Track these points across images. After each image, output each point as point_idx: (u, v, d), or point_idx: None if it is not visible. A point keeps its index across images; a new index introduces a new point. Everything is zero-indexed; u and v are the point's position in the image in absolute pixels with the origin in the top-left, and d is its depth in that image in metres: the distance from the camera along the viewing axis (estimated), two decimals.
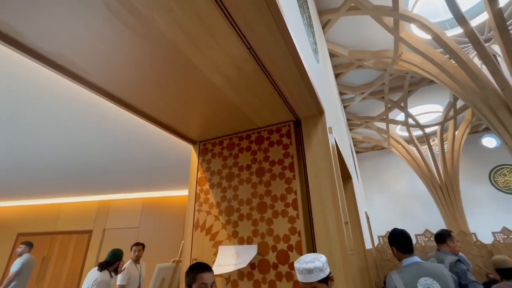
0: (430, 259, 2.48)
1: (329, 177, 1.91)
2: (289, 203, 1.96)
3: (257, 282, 1.85)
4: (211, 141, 2.53)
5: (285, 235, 1.89)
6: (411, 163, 11.08)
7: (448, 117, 9.73)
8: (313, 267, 1.17)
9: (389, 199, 13.36)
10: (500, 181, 11.97)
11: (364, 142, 12.53)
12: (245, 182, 2.19)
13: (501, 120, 4.86)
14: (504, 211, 11.06)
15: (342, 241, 1.72)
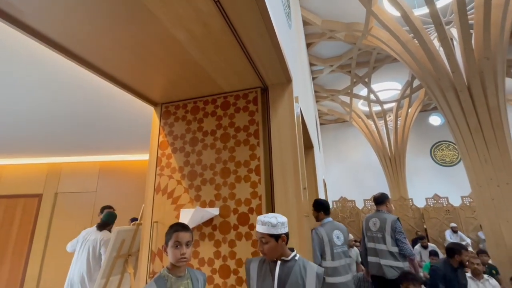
0: (372, 218, 2.89)
1: (292, 145, 1.97)
2: (252, 169, 2.00)
3: (217, 242, 1.94)
4: (174, 104, 2.40)
5: (246, 199, 1.96)
6: (368, 136, 11.97)
7: (404, 95, 10.47)
8: (267, 221, 1.30)
9: (345, 168, 14.53)
10: (438, 155, 13.70)
11: (329, 114, 13.06)
12: (209, 148, 2.17)
13: (448, 101, 5.37)
14: (437, 181, 12.82)
15: (299, 205, 1.85)
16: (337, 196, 8.99)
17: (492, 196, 4.65)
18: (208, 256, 1.93)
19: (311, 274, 1.24)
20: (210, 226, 1.99)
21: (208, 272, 1.90)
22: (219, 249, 1.93)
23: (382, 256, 2.69)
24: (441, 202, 8.04)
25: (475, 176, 4.94)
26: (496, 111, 4.85)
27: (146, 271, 2.00)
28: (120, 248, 2.43)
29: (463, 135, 5.16)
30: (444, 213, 7.78)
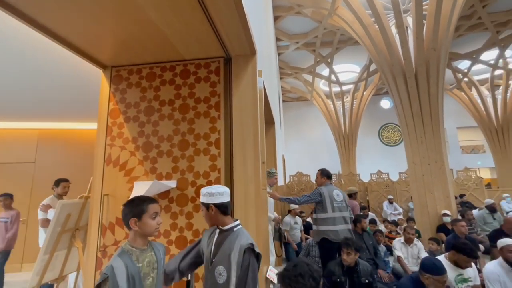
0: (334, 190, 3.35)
1: (253, 119, 1.96)
2: (211, 142, 1.97)
3: (174, 214, 1.92)
4: (126, 68, 2.17)
5: (205, 171, 1.94)
6: (326, 115, 12.60)
7: (361, 78, 11.09)
8: (205, 192, 1.32)
9: (304, 145, 15.28)
10: (385, 136, 15.19)
11: (292, 92, 13.29)
12: (166, 118, 2.05)
13: (397, 86, 5.83)
14: (382, 158, 14.30)
15: (257, 178, 1.90)
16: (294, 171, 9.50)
17: (423, 172, 5.38)
18: (164, 228, 1.91)
19: (237, 246, 1.22)
20: (167, 198, 1.95)
21: (164, 243, 1.90)
22: (175, 221, 1.92)
23: (349, 223, 3.15)
24: (383, 177, 9.06)
25: (412, 155, 5.61)
26: (435, 98, 5.45)
27: (96, 245, 1.91)
28: (65, 222, 2.26)
29: (406, 119, 5.73)
30: (384, 187, 8.82)
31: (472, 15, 7.87)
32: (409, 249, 3.75)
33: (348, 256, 2.47)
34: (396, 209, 7.59)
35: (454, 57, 9.98)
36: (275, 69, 7.15)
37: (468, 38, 9.03)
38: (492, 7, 7.67)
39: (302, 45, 9.08)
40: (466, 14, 7.77)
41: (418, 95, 5.55)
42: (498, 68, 10.44)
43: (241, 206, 1.85)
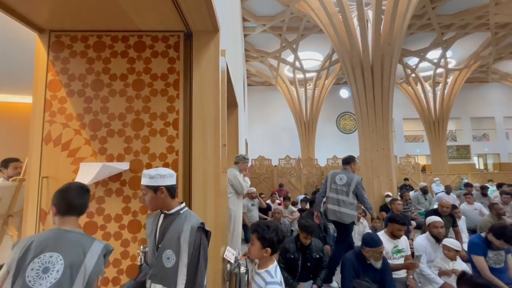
0: (339, 174, 3.46)
1: (214, 100, 1.90)
2: (169, 123, 1.86)
3: (127, 197, 1.81)
4: (69, 34, 1.90)
5: (162, 153, 1.85)
6: (289, 101, 12.87)
7: (324, 67, 11.45)
8: (154, 174, 1.26)
9: (267, 130, 15.52)
10: (341, 124, 16.19)
11: (257, 76, 13.19)
12: (118, 94, 1.87)
13: (355, 77, 6.17)
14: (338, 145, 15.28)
15: (217, 161, 1.86)
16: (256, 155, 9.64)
17: (372, 158, 5.90)
18: (116, 212, 1.80)
19: (187, 227, 1.20)
20: (118, 181, 1.82)
21: (115, 228, 1.79)
22: (128, 204, 1.81)
23: (342, 206, 3.25)
24: (338, 162, 9.73)
25: (363, 142, 6.09)
26: (387, 90, 5.91)
27: (34, 233, 1.72)
28: None
29: (361, 108, 6.14)
30: None
31: (423, 15, 8.55)
32: (356, 227, 4.14)
33: (305, 239, 2.64)
34: None
35: (405, 53, 10.85)
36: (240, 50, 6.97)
37: (418, 36, 9.83)
38: (440, 9, 8.41)
39: (268, 28, 8.96)
40: (418, 14, 8.40)
41: (372, 87, 5.95)
42: (440, 67, 11.67)
43: (200, 189, 1.82)
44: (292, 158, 9.66)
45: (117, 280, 1.76)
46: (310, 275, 2.64)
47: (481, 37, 10.18)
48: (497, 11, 8.14)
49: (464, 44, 10.55)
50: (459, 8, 8.37)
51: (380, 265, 2.35)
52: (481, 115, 16.47)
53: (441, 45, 10.22)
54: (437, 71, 12.17)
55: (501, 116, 16.45)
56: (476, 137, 16.55)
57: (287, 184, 8.96)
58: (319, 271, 2.63)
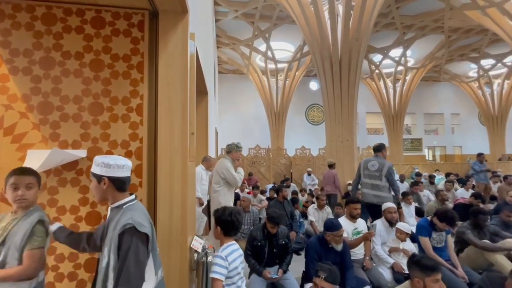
0: (371, 161, 3.66)
1: (182, 86, 1.81)
2: (132, 108, 1.74)
3: (84, 187, 1.67)
4: (10, 1, 1.65)
5: (124, 141, 1.73)
6: (261, 91, 12.87)
7: (295, 58, 11.59)
8: (100, 161, 1.16)
9: (237, 119, 15.42)
10: (310, 115, 16.70)
11: (228, 63, 12.92)
12: (72, 75, 1.69)
13: (324, 70, 6.35)
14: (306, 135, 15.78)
15: (184, 150, 1.80)
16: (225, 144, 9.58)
17: (337, 149, 6.20)
18: (71, 204, 1.66)
19: (119, 225, 1.08)
20: (74, 170, 1.67)
21: (71, 221, 1.66)
22: (86, 195, 1.68)
23: (376, 189, 3.56)
24: (305, 152, 10.07)
25: (330, 134, 6.36)
26: (353, 84, 6.18)
27: None
28: None
29: (329, 101, 6.37)
30: (306, 161, 9.84)
31: (388, 14, 9.00)
32: (320, 214, 4.37)
33: (272, 229, 2.71)
34: (313, 179, 8.64)
35: (371, 50, 11.40)
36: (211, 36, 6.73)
37: (382, 34, 10.37)
38: (403, 9, 8.92)
39: (241, 14, 8.75)
40: (383, 12, 8.83)
41: (340, 80, 6.18)
42: (400, 65, 12.50)
43: (166, 178, 1.75)
44: (262, 148, 9.77)
45: (74, 274, 1.65)
46: (276, 260, 2.74)
47: (436, 39, 11.07)
48: (451, 15, 8.88)
49: (422, 44, 11.39)
50: (420, 10, 8.96)
51: (341, 247, 2.52)
52: (433, 111, 18.16)
53: (402, 44, 10.91)
54: (397, 69, 13.02)
55: (448, 113, 18.32)
56: (427, 131, 18.26)
57: (257, 174, 9.08)
58: (285, 256, 2.74)
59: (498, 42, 10.38)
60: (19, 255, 1.16)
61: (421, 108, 17.85)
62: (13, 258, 1.15)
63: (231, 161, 3.33)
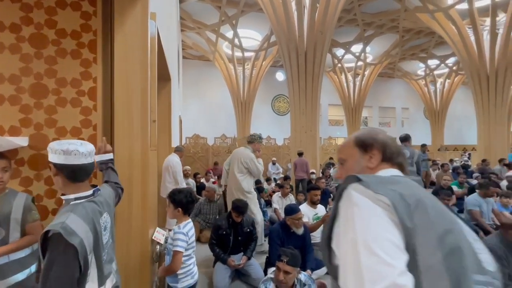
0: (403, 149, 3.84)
1: (142, 70, 1.68)
2: (84, 91, 1.58)
3: (26, 179, 1.50)
4: None
5: (74, 127, 1.57)
6: (227, 79, 12.64)
7: (262, 48, 11.54)
8: (50, 146, 1.02)
9: (203, 107, 15.00)
10: (276, 106, 16.96)
11: (193, 49, 12.36)
12: (7, 50, 1.46)
13: (290, 61, 6.44)
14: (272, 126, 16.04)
15: (145, 138, 1.70)
16: (191, 133, 9.30)
17: (300, 139, 6.42)
18: None
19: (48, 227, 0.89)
20: (13, 160, 1.48)
21: None
22: (29, 188, 1.51)
23: (411, 175, 3.72)
24: (271, 142, 10.26)
25: (294, 124, 6.55)
26: (317, 77, 6.39)
27: None
28: None
29: (294, 92, 6.52)
30: (272, 151, 10.05)
31: (351, 10, 9.38)
32: (284, 201, 4.53)
33: (237, 218, 2.74)
34: (277, 168, 8.89)
35: (334, 44, 11.85)
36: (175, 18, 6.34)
37: (345, 30, 10.81)
38: (365, 7, 9.37)
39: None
40: (347, 8, 9.17)
41: (305, 72, 6.34)
42: (360, 60, 13.23)
43: (124, 168, 1.64)
44: (228, 137, 9.70)
45: None
46: (241, 248, 2.79)
47: (392, 38, 11.90)
48: (405, 16, 9.59)
49: (380, 42, 12.16)
50: (379, 9, 9.50)
51: (302, 231, 2.67)
52: (386, 105, 19.74)
53: (363, 41, 11.53)
54: (357, 64, 13.78)
55: (400, 107, 20.08)
56: (382, 123, 19.84)
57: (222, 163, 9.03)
58: (250, 244, 2.80)
59: (442, 44, 11.52)
60: (21, 229, 1.37)
61: (377, 102, 19.26)
62: (16, 231, 1.36)
63: (252, 151, 3.35)
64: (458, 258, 0.58)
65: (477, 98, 8.55)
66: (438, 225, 0.60)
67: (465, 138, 19.61)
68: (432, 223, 0.59)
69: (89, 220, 0.99)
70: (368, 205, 0.59)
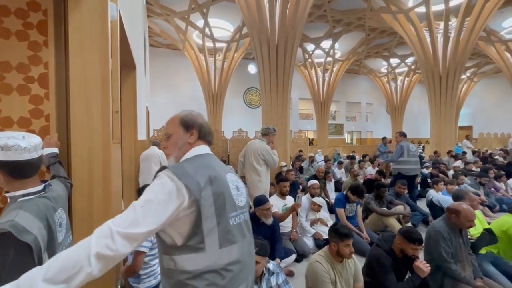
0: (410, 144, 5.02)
1: (102, 57, 1.56)
2: (33, 78, 1.42)
3: None
4: None
5: (22, 118, 1.41)
6: (198, 70, 12.27)
7: (234, 39, 11.36)
8: None
9: (172, 98, 14.45)
10: (248, 99, 16.93)
11: (161, 37, 11.76)
12: None
13: (262, 54, 6.43)
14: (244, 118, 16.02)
15: (106, 130, 1.59)
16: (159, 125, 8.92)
17: None
18: None
19: None
20: None
21: None
22: None
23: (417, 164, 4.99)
24: (242, 135, 10.26)
25: (266, 117, 6.60)
26: (288, 71, 6.47)
27: None
28: None
29: (265, 85, 6.54)
30: (243, 144, 10.05)
31: (321, 6, 9.59)
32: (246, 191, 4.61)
33: None
34: None
35: (305, 39, 12.07)
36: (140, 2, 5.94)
37: (315, 25, 11.05)
38: (334, 4, 9.63)
39: None
40: (317, 4, 9.36)
41: (276, 66, 6.39)
42: (329, 56, 13.67)
43: (83, 163, 1.53)
44: None
45: None
46: None
47: (359, 36, 12.44)
48: (371, 16, 10.06)
49: (347, 39, 12.66)
50: (347, 7, 9.84)
51: (271, 221, 2.74)
52: (352, 100, 20.76)
53: (332, 37, 11.90)
54: (327, 60, 14.22)
55: (364, 102, 21.26)
56: (348, 117, 20.86)
57: None
58: None
59: (403, 44, 12.34)
60: None
61: (344, 97, 20.16)
62: None
63: (267, 143, 3.54)
64: (222, 201, 0.92)
65: (431, 96, 9.36)
66: (218, 186, 0.92)
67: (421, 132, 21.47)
68: (217, 187, 0.92)
69: (42, 216, 0.91)
70: (165, 182, 0.86)
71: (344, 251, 1.87)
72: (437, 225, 2.29)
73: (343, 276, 1.95)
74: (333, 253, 1.94)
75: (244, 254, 0.96)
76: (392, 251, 2.08)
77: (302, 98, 18.35)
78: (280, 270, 1.98)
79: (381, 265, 2.02)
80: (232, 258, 0.91)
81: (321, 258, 1.95)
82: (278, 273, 1.92)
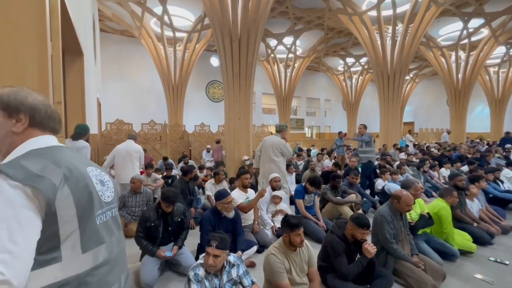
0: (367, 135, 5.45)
1: (39, 40, 1.38)
2: None
3: None
4: None
5: None
6: (156, 60, 11.57)
7: (195, 29, 10.94)
8: None
9: (127, 89, 13.45)
10: (210, 92, 16.57)
11: (114, 21, 10.78)
12: None
13: (224, 47, 6.32)
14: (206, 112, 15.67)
15: None
16: (113, 118, 8.26)
17: (234, 126, 6.49)
18: None
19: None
20: None
21: None
22: None
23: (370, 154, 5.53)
24: (205, 129, 10.04)
25: (228, 111, 6.55)
26: (250, 65, 6.47)
27: None
28: None
29: (228, 79, 6.47)
30: (206, 138, 9.86)
31: (283, 2, 9.74)
32: (218, 188, 4.56)
33: (167, 208, 2.61)
34: (212, 156, 8.82)
35: (268, 34, 12.17)
36: None
37: (278, 21, 11.20)
38: (296, 1, 9.85)
39: None
40: (279, 0, 9.48)
41: (239, 59, 6.34)
42: (291, 52, 14.02)
43: None
44: (157, 124, 9.03)
45: None
46: (172, 238, 2.70)
47: (318, 34, 12.96)
48: (329, 16, 10.53)
49: (308, 37, 13.10)
50: (308, 5, 10.15)
51: (233, 215, 2.76)
52: (312, 96, 21.69)
53: (293, 34, 12.20)
54: (288, 56, 14.57)
55: (323, 99, 22.37)
56: (308, 113, 21.77)
57: (151, 151, 8.41)
58: (181, 233, 2.74)
59: (358, 45, 13.21)
60: None
61: (305, 93, 20.95)
62: None
63: (281, 138, 4.14)
64: (84, 199, 0.78)
65: (381, 94, 10.23)
66: (76, 183, 0.77)
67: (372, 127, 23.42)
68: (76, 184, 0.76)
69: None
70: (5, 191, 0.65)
71: (295, 240, 1.98)
72: (382, 210, 2.55)
73: (297, 263, 2.06)
74: (286, 243, 2.04)
75: (113, 254, 0.86)
76: (344, 236, 2.26)
77: (265, 93, 18.58)
78: (241, 261, 2.01)
79: (334, 250, 2.19)
80: (99, 260, 0.80)
81: (275, 250, 2.04)
82: (239, 265, 1.95)
